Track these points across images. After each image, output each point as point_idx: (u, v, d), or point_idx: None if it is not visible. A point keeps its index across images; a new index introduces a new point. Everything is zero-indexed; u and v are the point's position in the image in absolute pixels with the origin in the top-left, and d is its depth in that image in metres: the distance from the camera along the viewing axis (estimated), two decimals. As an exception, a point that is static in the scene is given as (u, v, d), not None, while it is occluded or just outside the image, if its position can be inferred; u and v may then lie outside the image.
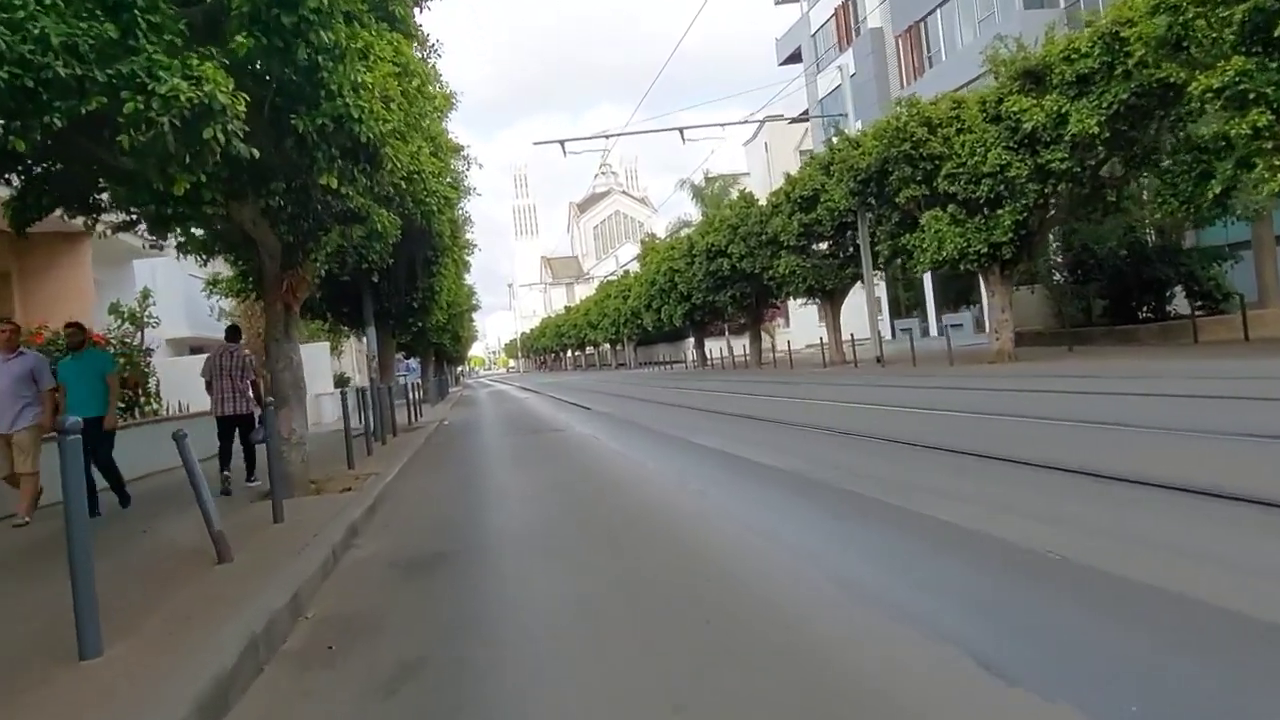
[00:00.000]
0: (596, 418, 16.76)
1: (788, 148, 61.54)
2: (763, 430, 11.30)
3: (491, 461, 11.23)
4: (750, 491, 6.96)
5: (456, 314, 30.88)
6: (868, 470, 7.19)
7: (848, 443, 9.10)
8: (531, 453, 11.73)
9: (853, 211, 24.41)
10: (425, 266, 15.47)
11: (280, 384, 8.75)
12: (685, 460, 9.18)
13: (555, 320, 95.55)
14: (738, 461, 8.50)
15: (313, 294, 16.08)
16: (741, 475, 7.73)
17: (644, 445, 11.09)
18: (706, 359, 44.60)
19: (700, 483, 7.46)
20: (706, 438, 10.75)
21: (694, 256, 36.51)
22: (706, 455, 9.30)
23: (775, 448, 9.16)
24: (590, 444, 12.02)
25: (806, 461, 7.94)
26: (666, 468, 8.65)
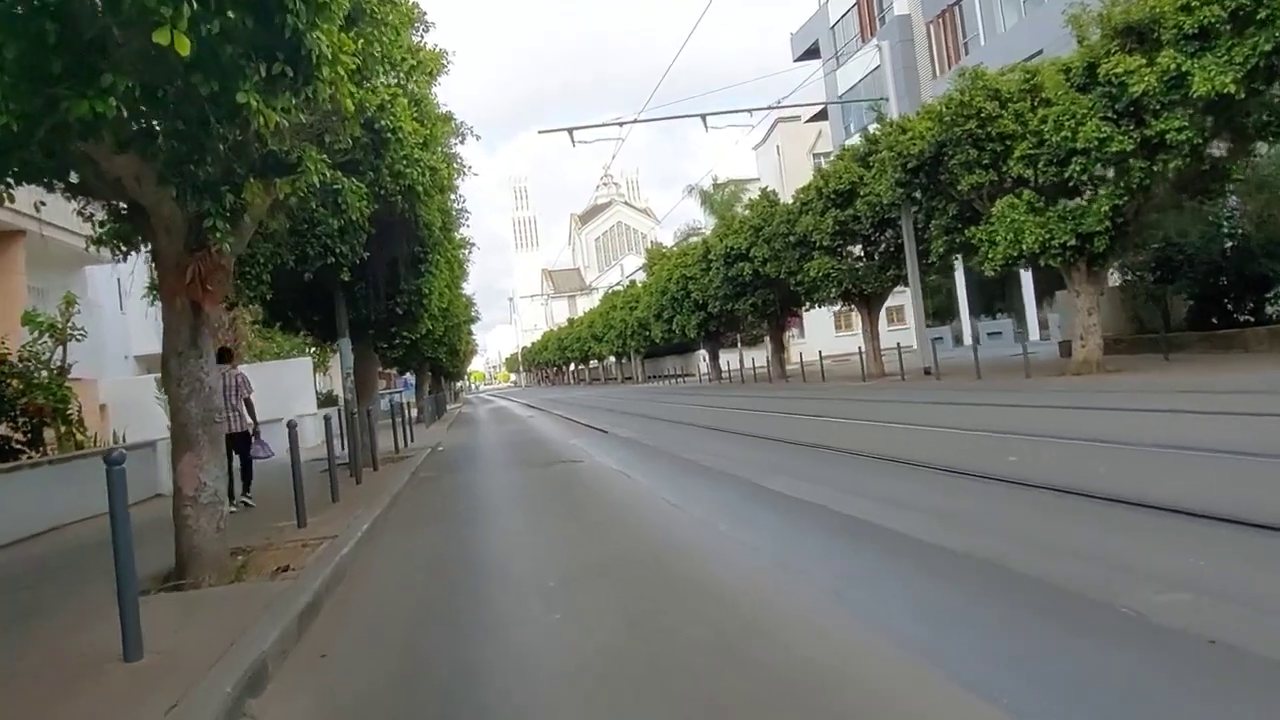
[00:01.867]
0: (618, 444, 14.01)
1: (800, 150, 59.16)
2: (847, 468, 8.54)
3: (493, 513, 8.45)
4: (908, 591, 4.21)
5: (453, 325, 28.14)
6: (1050, 539, 4.48)
7: (978, 489, 6.34)
8: (547, 497, 8.96)
9: (896, 206, 21.75)
10: (411, 265, 12.77)
11: (182, 418, 6.01)
12: (770, 520, 6.42)
13: (557, 333, 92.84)
14: (852, 525, 5.75)
15: (280, 298, 13.41)
16: (875, 552, 4.98)
17: (697, 490, 8.32)
18: (721, 372, 41.83)
19: (824, 571, 4.71)
20: (777, 479, 7.99)
21: (710, 262, 33.82)
22: (796, 511, 6.54)
23: (885, 499, 6.41)
24: (622, 485, 9.26)
25: (946, 522, 5.19)
26: (752, 536, 5.89)
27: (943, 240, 19.46)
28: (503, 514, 8.27)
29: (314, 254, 9.63)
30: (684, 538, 6.07)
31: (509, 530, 7.31)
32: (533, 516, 7.87)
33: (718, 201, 59.70)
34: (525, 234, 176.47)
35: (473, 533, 7.31)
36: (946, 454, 8.14)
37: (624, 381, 65.07)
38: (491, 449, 16.55)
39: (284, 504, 8.65)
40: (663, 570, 5.10)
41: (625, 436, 15.05)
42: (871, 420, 12.84)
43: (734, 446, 11.77)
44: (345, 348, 12.40)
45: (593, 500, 8.32)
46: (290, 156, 5.10)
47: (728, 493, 7.88)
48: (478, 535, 7.19)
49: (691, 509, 7.17)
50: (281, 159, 5.16)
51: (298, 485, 7.79)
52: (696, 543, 5.87)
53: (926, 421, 11.66)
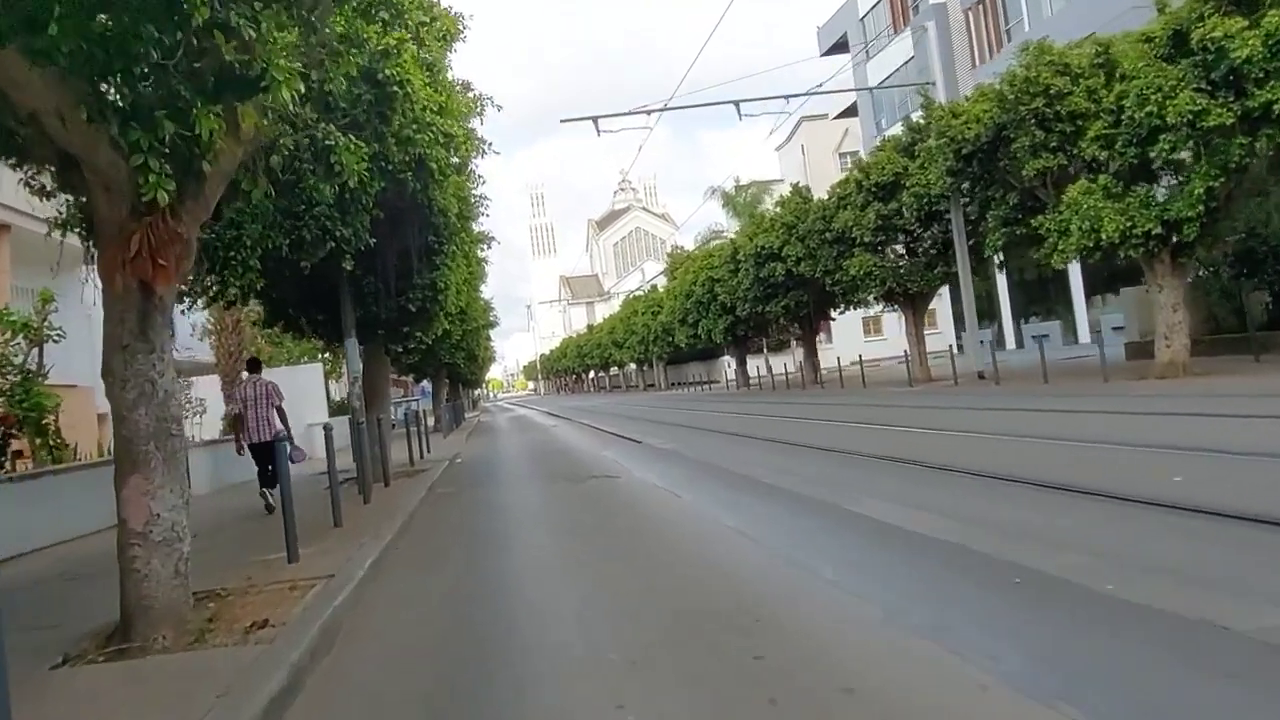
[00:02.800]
0: (655, 456, 12.59)
1: (826, 150, 57.63)
2: (946, 487, 7.06)
3: (522, 544, 7.05)
4: (1120, 667, 2.75)
5: (471, 329, 26.87)
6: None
7: (1181, 526, 4.86)
8: (587, 523, 7.55)
9: (945, 198, 20.23)
10: (424, 256, 11.44)
11: (127, 429, 4.69)
12: (889, 564, 4.98)
13: (577, 340, 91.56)
14: (1015, 575, 4.28)
15: (280, 294, 12.11)
16: (1083, 626, 3.51)
17: (769, 516, 6.88)
18: (749, 378, 40.33)
19: (1020, 655, 3.25)
20: (864, 501, 6.56)
21: (739, 263, 32.37)
22: (917, 550, 5.09)
23: (1037, 535, 4.95)
24: (673, 508, 7.83)
25: (1103, 559, 3.71)
26: (877, 589, 4.43)
27: (1000, 233, 17.90)
28: (534, 545, 6.85)
29: (311, 238, 8.29)
30: (779, 588, 4.63)
31: (545, 568, 5.90)
32: (572, 549, 6.45)
33: (740, 203, 58.28)
34: (542, 241, 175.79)
35: (500, 572, 5.90)
36: (1083, 472, 6.65)
37: (646, 389, 63.64)
38: (515, 461, 15.17)
39: (268, 537, 7.33)
40: (766, 642, 3.67)
41: (663, 447, 13.63)
42: (946, 429, 11.34)
43: (791, 459, 10.32)
44: (351, 349, 11.08)
45: (643, 528, 6.90)
46: (252, 68, 3.72)
47: (809, 520, 6.44)
48: (506, 576, 5.77)
49: (771, 542, 5.73)
50: (240, 72, 3.79)
51: (287, 512, 6.41)
52: (798, 597, 4.43)
53: (1018, 430, 10.14)
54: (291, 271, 10.29)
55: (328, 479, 8.83)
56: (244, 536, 8.33)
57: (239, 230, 7.53)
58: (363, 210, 8.75)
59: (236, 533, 8.90)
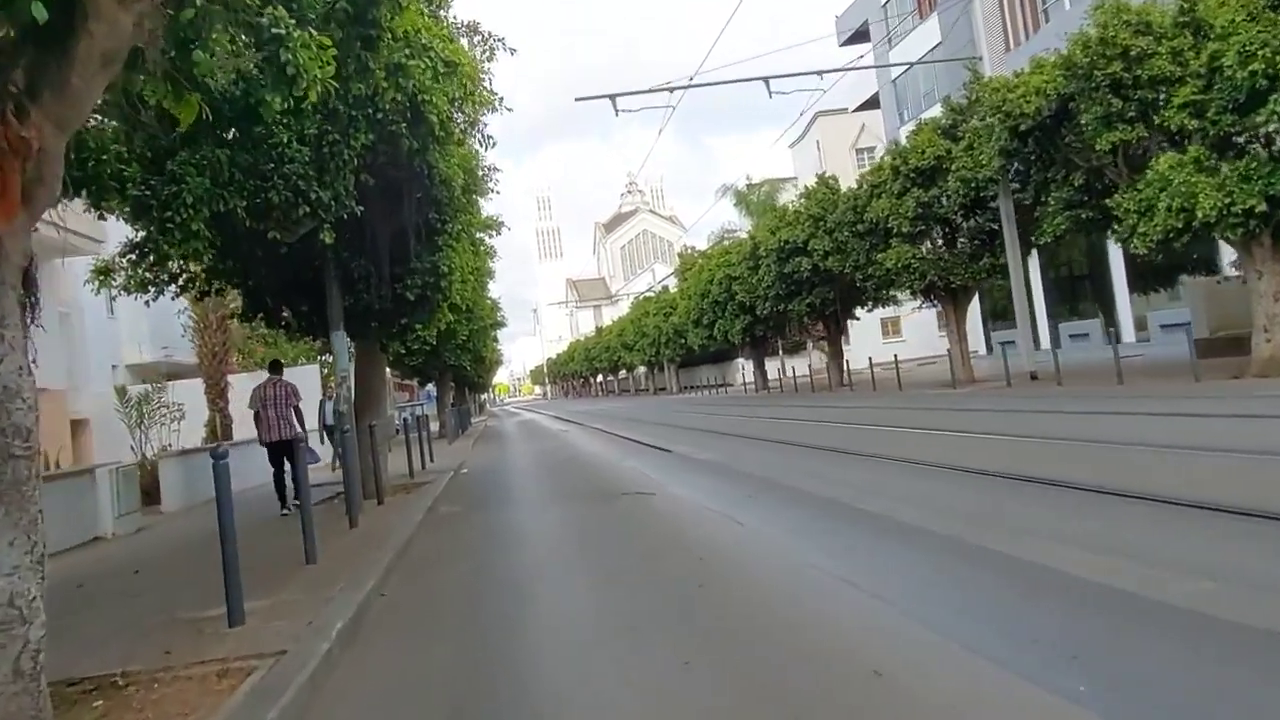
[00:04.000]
0: (692, 468, 10.90)
1: (842, 146, 55.89)
2: (1098, 511, 5.31)
3: (548, 599, 5.32)
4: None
5: (478, 329, 25.20)
6: None
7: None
8: (630, 563, 5.81)
9: (993, 181, 18.49)
10: (424, 235, 9.78)
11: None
12: (1060, 628, 3.23)
13: (585, 343, 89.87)
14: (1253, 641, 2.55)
15: (257, 281, 10.45)
16: None
17: (871, 555, 5.15)
18: (768, 381, 38.61)
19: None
20: (990, 533, 4.84)
21: (759, 259, 30.65)
22: (1095, 605, 3.35)
23: (1261, 582, 3.23)
24: (736, 540, 6.11)
25: None
26: (1061, 672, 2.69)
27: (1064, 216, 16.16)
28: (567, 601, 5.14)
29: (280, 201, 6.62)
30: (956, 685, 2.91)
31: (586, 646, 4.18)
32: (619, 609, 4.73)
33: (754, 202, 56.64)
34: (549, 245, 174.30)
35: (525, 651, 4.18)
36: None
37: (657, 392, 61.92)
38: (527, 472, 13.48)
39: (252, 557, 5.64)
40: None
41: (698, 457, 11.91)
42: (1050, 437, 9.60)
43: (858, 471, 8.60)
44: (339, 344, 9.40)
45: (707, 571, 5.18)
46: None
47: (935, 562, 4.71)
48: (535, 659, 4.06)
49: (900, 598, 4.01)
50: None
51: (227, 554, 4.71)
52: (1000, 704, 2.71)
53: (1143, 438, 8.40)
54: (265, 250, 8.66)
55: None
56: (195, 573, 6.63)
57: (179, 185, 5.86)
58: (345, 169, 7.09)
59: (187, 567, 7.24)
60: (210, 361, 16.39)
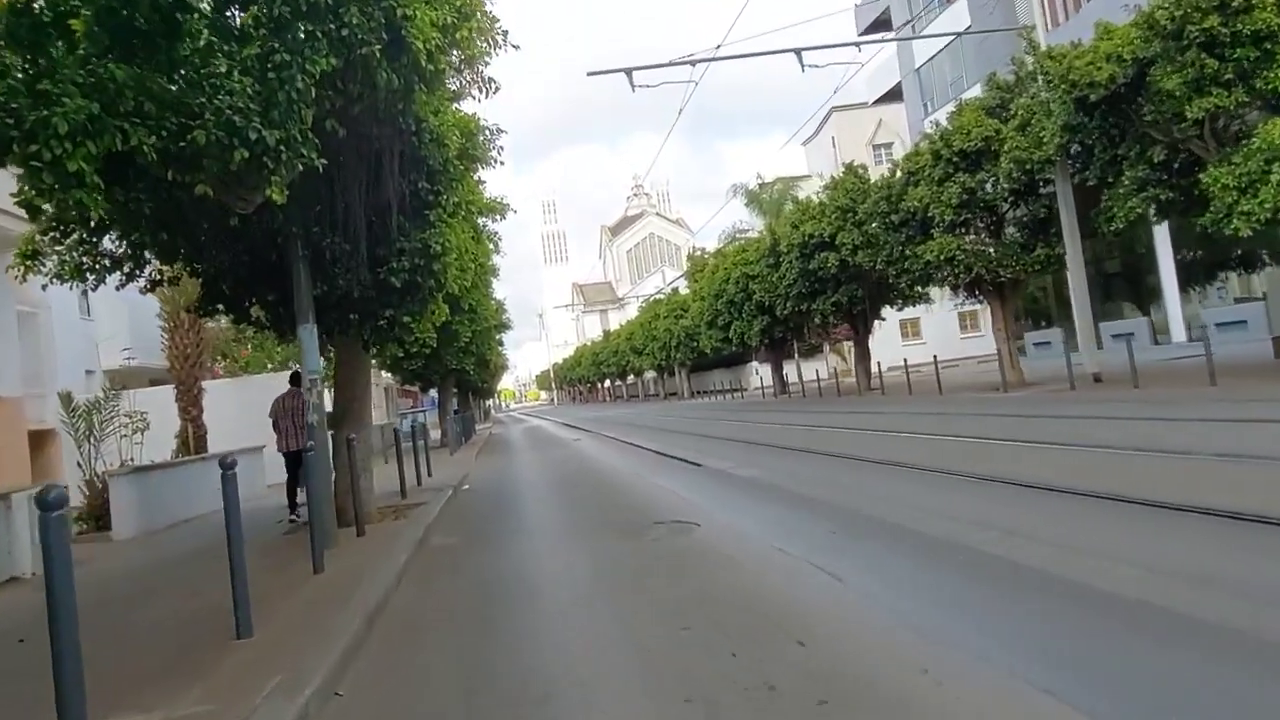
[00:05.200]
0: (733, 487, 9.12)
1: (859, 143, 54.03)
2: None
3: (588, 707, 3.52)
4: None
5: (482, 330, 23.46)
6: None
7: None
8: (694, 658, 3.97)
9: (1050, 162, 16.67)
10: (412, 206, 8.04)
11: None
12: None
13: (592, 348, 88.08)
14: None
15: (211, 268, 8.71)
16: None
17: (1082, 646, 3.33)
18: (786, 385, 36.80)
19: None
20: (1209, 599, 3.04)
21: (780, 255, 28.88)
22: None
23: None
24: (842, 608, 4.30)
25: None
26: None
27: (1139, 198, 14.36)
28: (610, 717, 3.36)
29: (210, 142, 4.88)
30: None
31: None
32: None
33: (766, 201, 54.91)
34: (554, 249, 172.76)
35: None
36: None
37: (667, 398, 60.10)
38: (538, 490, 11.70)
39: (148, 635, 3.93)
40: None
41: (739, 474, 10.11)
42: (1173, 451, 7.78)
43: (955, 496, 6.80)
44: (308, 339, 7.63)
45: (816, 672, 3.39)
46: None
47: (1167, 653, 2.92)
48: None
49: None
50: None
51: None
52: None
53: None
54: (212, 222, 6.93)
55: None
56: (107, 642, 4.86)
57: (50, 109, 4.12)
58: (300, 103, 5.35)
59: (103, 632, 5.46)
60: (182, 364, 14.64)
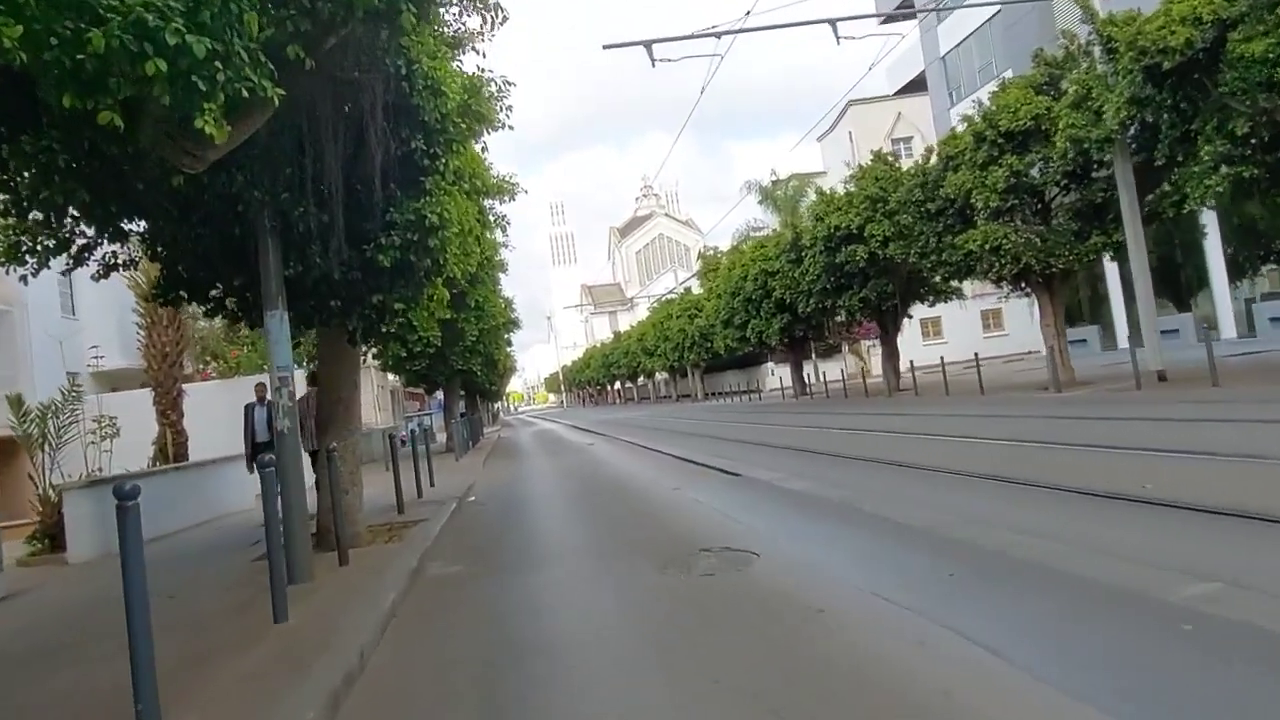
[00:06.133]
0: (783, 502, 7.72)
1: (876, 137, 52.41)
2: None
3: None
4: None
5: (489, 329, 22.11)
6: None
7: None
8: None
9: (1110, 140, 15.20)
10: (403, 171, 6.69)
11: None
12: None
13: (602, 349, 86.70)
14: None
15: (162, 245, 7.33)
16: None
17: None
18: (806, 386, 35.35)
19: None
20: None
21: (802, 251, 27.46)
22: None
23: None
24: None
25: None
26: None
27: (1219, 176, 12.90)
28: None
29: (114, 49, 3.53)
30: None
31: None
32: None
33: (781, 198, 53.46)
34: (563, 250, 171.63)
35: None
36: None
37: (680, 400, 58.66)
38: (555, 505, 10.31)
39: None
40: None
41: (789, 487, 8.70)
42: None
43: (1092, 521, 5.37)
44: (276, 328, 6.27)
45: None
46: None
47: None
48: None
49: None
50: None
51: None
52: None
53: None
54: (148, 182, 5.57)
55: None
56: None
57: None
58: (238, 3, 3.99)
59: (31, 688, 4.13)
60: (160, 364, 13.31)
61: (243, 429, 9.11)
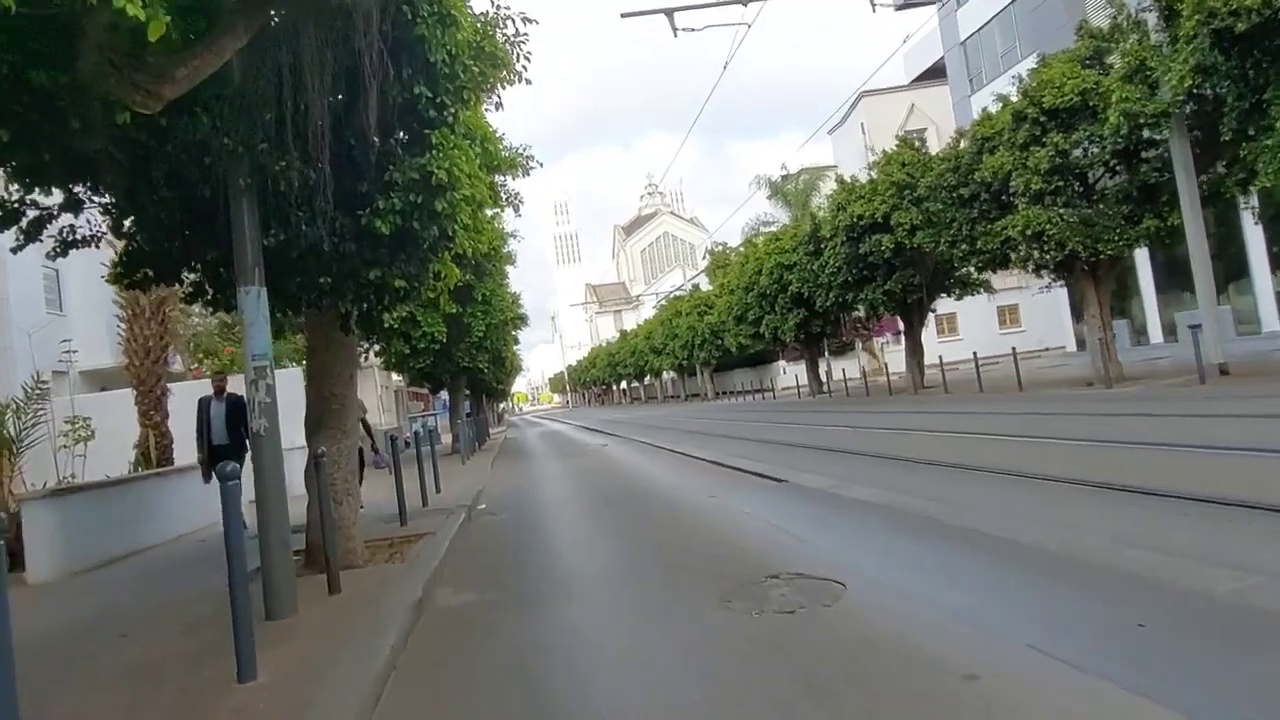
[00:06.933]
0: (853, 514, 6.62)
1: (889, 129, 51.25)
2: None
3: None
4: None
5: (496, 324, 21.02)
6: None
7: None
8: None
9: (1167, 114, 14.04)
10: (404, 123, 5.59)
11: None
12: None
13: (608, 349, 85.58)
14: None
15: (117, 207, 6.14)
16: None
17: None
18: (822, 384, 34.22)
19: None
20: None
21: (822, 243, 26.35)
22: None
23: None
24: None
25: None
26: None
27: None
28: None
29: None
30: None
31: None
32: None
33: (792, 192, 52.35)
34: (567, 249, 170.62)
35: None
36: None
37: (689, 399, 57.52)
38: (576, 514, 9.20)
39: None
40: None
41: (850, 496, 7.57)
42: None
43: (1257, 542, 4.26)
44: (251, 308, 5.17)
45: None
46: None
47: None
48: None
49: None
50: None
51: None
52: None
53: None
54: (86, 121, 4.49)
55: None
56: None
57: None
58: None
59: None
60: (142, 360, 12.21)
61: (196, 430, 7.93)
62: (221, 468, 3.81)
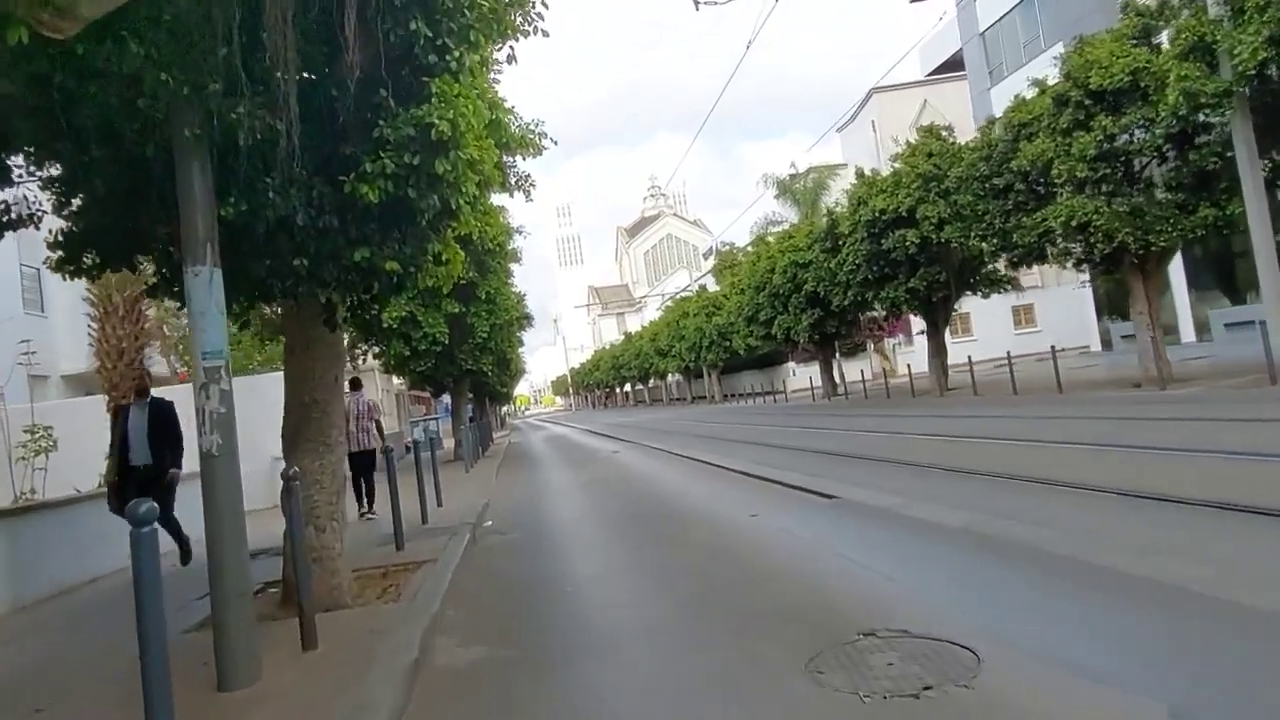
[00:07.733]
0: (941, 543, 5.48)
1: (900, 126, 50.12)
2: None
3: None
4: None
5: (501, 324, 19.93)
6: None
7: None
8: None
9: (1229, 94, 12.92)
10: (402, 67, 4.49)
11: None
12: None
13: (611, 351, 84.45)
14: None
15: (58, 172, 4.97)
16: None
17: None
18: (836, 386, 33.09)
19: None
20: None
21: (839, 239, 25.23)
22: None
23: None
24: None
25: None
26: None
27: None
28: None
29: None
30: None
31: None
32: None
33: (801, 190, 51.28)
34: (569, 252, 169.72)
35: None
36: None
37: (695, 401, 56.39)
38: (595, 535, 8.08)
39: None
40: None
41: (919, 516, 6.45)
42: None
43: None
44: (199, 294, 4.08)
45: None
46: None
47: None
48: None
49: None
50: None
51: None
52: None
53: None
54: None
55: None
56: None
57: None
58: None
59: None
60: (115, 363, 11.11)
61: (109, 444, 6.53)
62: (133, 508, 2.68)
